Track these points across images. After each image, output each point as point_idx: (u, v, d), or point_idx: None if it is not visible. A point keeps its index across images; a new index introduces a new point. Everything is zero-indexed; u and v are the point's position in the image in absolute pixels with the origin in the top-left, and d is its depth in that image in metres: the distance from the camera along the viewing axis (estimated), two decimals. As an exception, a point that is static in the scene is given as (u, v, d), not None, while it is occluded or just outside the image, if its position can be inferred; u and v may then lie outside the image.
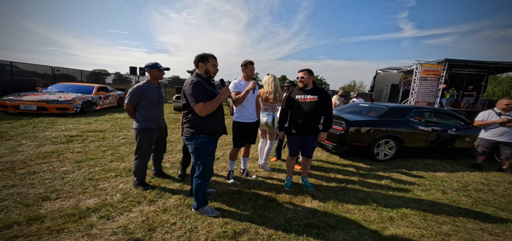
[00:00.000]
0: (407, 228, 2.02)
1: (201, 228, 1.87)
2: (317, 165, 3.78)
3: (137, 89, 2.38)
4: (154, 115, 2.48)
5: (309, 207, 2.34)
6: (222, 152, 4.22)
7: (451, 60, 9.65)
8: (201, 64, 1.94)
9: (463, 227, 2.09)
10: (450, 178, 3.41)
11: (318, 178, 3.18)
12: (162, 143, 2.77)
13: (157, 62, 2.48)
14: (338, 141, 4.00)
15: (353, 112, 4.73)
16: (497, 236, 1.99)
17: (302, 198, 2.51)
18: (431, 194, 2.78)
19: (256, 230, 1.88)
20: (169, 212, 2.07)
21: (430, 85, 9.85)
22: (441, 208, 2.43)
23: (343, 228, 1.99)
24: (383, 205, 2.43)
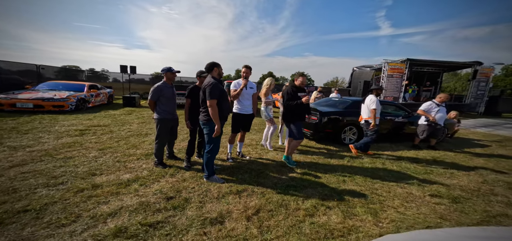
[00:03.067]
0: (353, 186, 2.96)
1: (213, 189, 2.67)
2: (301, 148, 4.74)
3: (157, 88, 3.04)
4: (170, 109, 3.17)
5: (290, 176, 3.24)
6: (220, 140, 5.02)
7: (412, 59, 11.15)
8: (215, 68, 2.69)
9: (387, 185, 3.09)
10: (392, 155, 4.52)
11: (299, 158, 4.12)
12: (175, 131, 3.48)
13: (171, 67, 3.15)
14: (314, 129, 4.98)
15: (327, 105, 5.73)
16: (405, 188, 3.01)
17: (285, 171, 3.41)
18: (375, 165, 3.81)
19: (252, 189, 2.73)
20: (188, 181, 2.84)
21: (395, 82, 11.31)
22: (377, 174, 3.43)
23: (312, 187, 2.90)
24: (341, 173, 3.38)
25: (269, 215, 2.22)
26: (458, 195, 2.82)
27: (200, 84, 3.34)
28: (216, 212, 2.19)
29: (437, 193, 2.81)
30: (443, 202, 2.63)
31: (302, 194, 2.67)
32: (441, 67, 12.34)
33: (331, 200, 2.56)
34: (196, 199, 2.42)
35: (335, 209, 2.35)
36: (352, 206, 2.42)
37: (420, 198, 2.71)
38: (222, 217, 2.12)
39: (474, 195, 2.88)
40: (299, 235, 1.94)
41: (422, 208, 2.49)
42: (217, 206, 2.31)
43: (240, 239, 1.84)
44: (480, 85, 12.60)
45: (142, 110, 9.06)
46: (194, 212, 2.17)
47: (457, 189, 3.01)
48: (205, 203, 2.36)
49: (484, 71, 12.34)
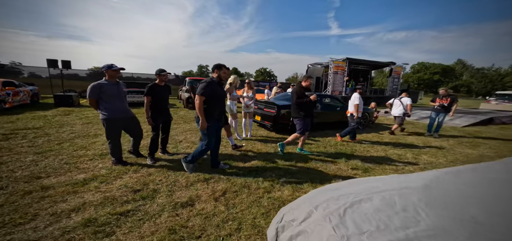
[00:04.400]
0: (301, 165, 3.59)
1: (181, 179, 2.83)
2: (262, 138, 5.25)
3: (96, 86, 2.81)
4: (116, 107, 2.96)
5: (252, 163, 3.66)
6: (183, 136, 5.02)
7: (350, 58, 13.35)
8: (216, 71, 2.84)
9: (325, 164, 3.91)
10: (331, 141, 5.43)
11: (261, 147, 4.60)
12: (134, 129, 3.36)
13: (112, 64, 2.94)
14: (273, 121, 5.59)
15: (283, 99, 6.43)
16: (337, 164, 3.87)
17: (248, 159, 3.82)
18: (318, 149, 4.63)
19: (219, 176, 3.02)
20: (154, 175, 2.90)
21: (339, 78, 13.31)
22: (320, 156, 4.22)
23: (270, 170, 3.40)
24: (294, 157, 4.00)
25: (234, 195, 2.57)
26: (367, 167, 3.70)
27: (159, 82, 3.36)
28: (186, 197, 2.40)
29: (355, 166, 3.62)
30: (358, 173, 3.40)
31: (262, 177, 3.11)
32: (370, 65, 15.25)
33: (284, 179, 3.09)
34: (165, 189, 2.55)
35: (287, 186, 2.87)
36: (300, 183, 2.98)
37: (345, 171, 3.52)
38: (192, 201, 2.35)
39: (378, 165, 3.94)
40: (259, 207, 2.35)
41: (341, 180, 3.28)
42: (187, 192, 2.52)
43: (210, 215, 2.13)
44: (394, 80, 16.05)
45: (84, 110, 7.91)
46: (164, 200, 2.32)
47: (369, 161, 4.02)
48: (174, 191, 2.52)
49: (396, 70, 15.82)
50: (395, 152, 4.44)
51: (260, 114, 6.03)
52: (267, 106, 5.93)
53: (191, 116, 7.86)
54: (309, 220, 1.09)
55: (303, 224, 1.09)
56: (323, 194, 1.30)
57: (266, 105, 5.97)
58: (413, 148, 4.80)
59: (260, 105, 6.27)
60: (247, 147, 4.46)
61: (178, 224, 1.95)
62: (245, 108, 5.17)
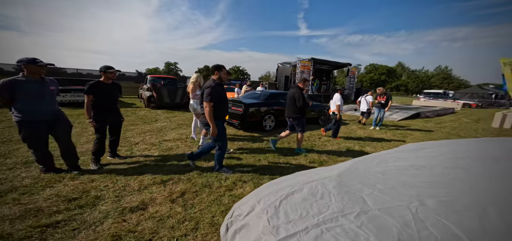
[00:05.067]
0: (265, 163, 3.61)
1: (133, 183, 2.55)
2: (229, 137, 5.15)
3: (7, 83, 2.27)
4: (36, 108, 2.44)
5: None
6: (141, 138, 4.58)
7: (315, 58, 14.35)
8: (216, 72, 2.77)
9: (287, 158, 4.07)
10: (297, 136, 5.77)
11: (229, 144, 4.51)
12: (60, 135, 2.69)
13: (35, 58, 2.40)
14: (241, 119, 5.58)
15: (251, 98, 6.49)
16: (297, 160, 4.09)
17: (211, 158, 3.71)
18: (285, 145, 4.78)
19: (179, 178, 2.82)
20: (98, 181, 2.54)
21: (306, 77, 14.16)
22: (283, 151, 4.33)
23: (235, 167, 3.37)
24: (259, 154, 4.02)
25: (194, 195, 2.44)
26: (323, 160, 3.84)
27: (105, 79, 2.99)
28: (138, 201, 2.17)
29: (313, 160, 3.78)
30: (315, 166, 3.50)
31: (224, 175, 3.04)
32: (332, 65, 16.71)
33: (247, 176, 3.08)
34: (111, 195, 2.25)
35: (249, 183, 2.85)
36: (261, 179, 3.00)
37: (304, 166, 3.61)
38: (145, 204, 2.14)
39: (331, 157, 4.32)
40: (219, 205, 2.28)
41: None
42: (139, 197, 2.28)
43: (164, 217, 1.97)
44: (351, 80, 17.80)
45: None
46: (109, 206, 2.04)
47: (324, 155, 4.16)
48: (123, 196, 2.25)
49: (352, 70, 17.70)
50: (346, 145, 4.90)
51: (228, 112, 5.97)
52: (234, 104, 5.88)
53: (152, 116, 7.24)
54: (251, 214, 1.12)
55: (246, 218, 1.11)
56: (268, 188, 1.36)
57: (234, 103, 5.92)
58: (361, 141, 5.38)
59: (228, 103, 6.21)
60: None
61: (125, 230, 1.74)
62: None
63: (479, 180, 0.97)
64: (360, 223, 0.83)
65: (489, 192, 0.88)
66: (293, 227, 0.90)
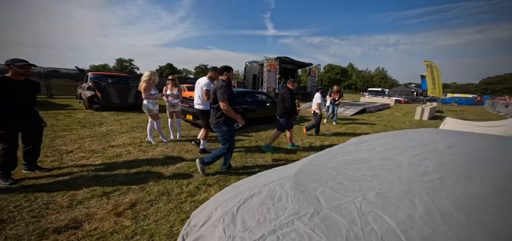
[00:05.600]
0: (232, 163, 3.40)
1: (61, 199, 2.03)
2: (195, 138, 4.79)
3: None
4: None
5: (177, 166, 3.21)
6: (77, 145, 3.77)
7: (281, 58, 14.92)
8: (225, 73, 2.76)
9: (256, 156, 4.00)
10: (265, 134, 5.55)
11: (192, 147, 4.16)
12: None
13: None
14: (207, 119, 5.26)
15: None
16: (264, 158, 4.10)
17: (171, 162, 3.32)
18: (250, 144, 4.71)
19: (128, 187, 2.41)
20: (7, 200, 1.91)
21: (272, 76, 14.55)
22: (250, 149, 4.27)
23: (197, 171, 3.11)
24: None
25: (148, 205, 2.10)
26: (288, 157, 3.82)
27: (14, 75, 2.35)
28: (67, 219, 1.71)
29: (279, 158, 3.77)
30: (281, 164, 3.24)
31: (186, 180, 2.75)
32: (296, 65, 17.71)
33: (213, 178, 2.87)
34: (25, 215, 1.72)
35: (214, 186, 2.65)
36: (228, 180, 2.84)
37: (271, 165, 3.39)
38: (78, 222, 1.70)
39: (296, 154, 4.41)
40: (179, 213, 2.02)
41: None
42: (68, 214, 1.81)
43: (106, 234, 1.60)
44: (312, 79, 19.20)
45: None
46: (22, 230, 1.54)
47: (291, 153, 4.11)
48: (44, 216, 1.75)
49: (313, 69, 19.18)
50: (308, 140, 5.19)
51: (192, 112, 5.55)
52: None
53: (95, 120, 6.12)
54: (208, 223, 1.00)
55: (202, 228, 1.00)
56: (227, 192, 1.27)
57: None
58: (321, 136, 5.80)
59: (191, 103, 5.79)
60: (174, 149, 3.93)
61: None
62: (171, 107, 4.61)
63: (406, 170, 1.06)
64: (313, 224, 0.81)
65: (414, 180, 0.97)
66: (250, 235, 0.83)
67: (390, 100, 19.44)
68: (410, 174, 1.02)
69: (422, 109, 10.09)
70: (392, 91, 27.09)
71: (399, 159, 1.17)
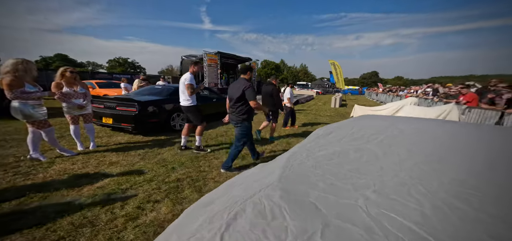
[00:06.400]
0: (182, 171, 2.92)
1: None
2: (120, 146, 3.81)
3: None
4: None
5: (98, 185, 2.45)
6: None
7: (221, 52, 14.33)
8: (249, 72, 2.83)
9: (208, 160, 3.61)
10: (212, 132, 5.03)
11: (118, 158, 3.26)
12: None
13: None
14: (135, 121, 4.26)
15: (149, 94, 5.17)
16: (219, 158, 3.72)
17: (87, 182, 2.46)
18: (203, 142, 4.18)
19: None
20: None
21: (213, 71, 13.76)
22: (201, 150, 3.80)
23: (134, 187, 2.45)
24: (171, 161, 3.21)
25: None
26: (244, 154, 3.51)
27: None
28: None
29: (240, 156, 3.36)
30: (237, 162, 3.23)
31: (120, 200, 2.13)
32: (237, 60, 17.51)
33: (159, 192, 2.35)
34: None
35: (164, 201, 2.18)
36: (181, 191, 2.39)
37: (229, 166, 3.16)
38: None
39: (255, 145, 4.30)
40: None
41: (228, 172, 2.87)
42: None
43: None
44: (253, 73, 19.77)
45: None
46: None
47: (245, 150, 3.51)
48: None
49: (252, 64, 19.63)
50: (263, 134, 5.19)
51: (111, 115, 4.36)
52: (121, 104, 4.39)
53: None
54: None
55: None
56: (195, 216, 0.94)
57: (120, 102, 4.42)
58: None
59: (109, 103, 4.50)
60: (87, 164, 2.98)
61: None
62: (74, 110, 3.39)
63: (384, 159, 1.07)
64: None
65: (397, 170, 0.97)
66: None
67: (313, 92, 22.51)
68: (389, 163, 1.02)
69: (335, 99, 12.22)
70: (313, 84, 32.46)
71: (370, 148, 1.19)
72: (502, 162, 0.96)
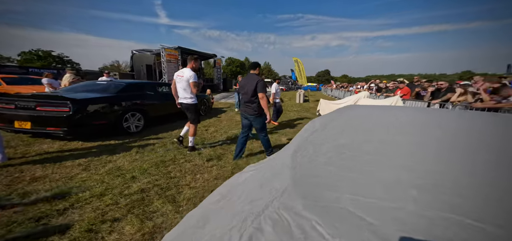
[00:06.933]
0: (146, 179, 2.46)
1: None
2: (47, 157, 2.98)
3: None
4: None
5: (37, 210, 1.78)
6: None
7: (182, 48, 13.24)
8: (258, 68, 3.03)
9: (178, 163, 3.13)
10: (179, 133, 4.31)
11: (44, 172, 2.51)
12: None
13: None
14: (68, 124, 3.42)
15: (88, 90, 4.28)
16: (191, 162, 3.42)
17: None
18: (166, 147, 3.66)
19: None
20: None
21: (173, 67, 12.56)
22: (168, 155, 3.18)
23: (80, 206, 1.92)
24: (129, 170, 2.69)
25: None
26: (220, 154, 3.35)
27: None
28: None
29: (210, 157, 3.18)
30: (215, 164, 2.95)
31: (57, 228, 1.63)
32: (199, 56, 16.54)
33: (118, 209, 1.90)
34: None
35: (126, 218, 1.77)
36: (148, 204, 2.00)
37: (202, 166, 2.90)
38: None
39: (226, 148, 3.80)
40: None
41: (205, 175, 2.63)
42: None
43: None
44: (218, 71, 19.04)
45: None
46: None
47: (218, 148, 3.62)
48: None
49: (217, 61, 18.94)
50: (233, 132, 4.96)
51: (29, 117, 3.41)
52: (44, 102, 3.48)
53: None
54: None
55: None
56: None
57: (43, 101, 3.49)
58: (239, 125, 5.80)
59: (24, 102, 3.48)
60: (2, 182, 2.24)
61: None
62: None
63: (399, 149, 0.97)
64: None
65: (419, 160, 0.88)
66: None
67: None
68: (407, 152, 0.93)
69: (299, 95, 13.00)
70: None
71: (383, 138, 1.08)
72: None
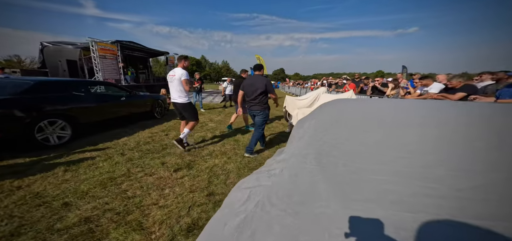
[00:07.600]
0: (90, 204, 1.85)
1: None
2: None
3: None
4: None
5: None
6: None
7: (121, 41, 11.24)
8: (262, 70, 3.27)
9: (135, 178, 2.55)
10: (129, 140, 3.70)
11: None
12: None
13: None
14: None
15: None
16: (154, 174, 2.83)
17: None
18: (113, 159, 2.83)
19: None
20: None
21: (111, 63, 10.50)
22: (118, 170, 2.54)
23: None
24: (58, 194, 1.95)
25: None
26: (189, 161, 2.87)
27: None
28: None
29: (177, 166, 2.68)
30: (185, 174, 2.50)
31: None
32: (147, 53, 14.44)
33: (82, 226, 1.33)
34: None
35: None
36: (102, 237, 1.45)
37: (169, 178, 2.41)
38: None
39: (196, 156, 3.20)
40: None
41: (176, 189, 2.20)
42: None
43: None
44: (170, 68, 17.19)
45: None
46: None
47: (187, 157, 3.03)
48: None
49: (171, 59, 17.18)
50: (199, 134, 4.47)
51: None
52: None
53: None
54: None
55: None
56: None
57: None
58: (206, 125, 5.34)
59: None
60: None
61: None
62: None
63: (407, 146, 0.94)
64: None
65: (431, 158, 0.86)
66: None
67: None
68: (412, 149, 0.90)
69: None
70: None
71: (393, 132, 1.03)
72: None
